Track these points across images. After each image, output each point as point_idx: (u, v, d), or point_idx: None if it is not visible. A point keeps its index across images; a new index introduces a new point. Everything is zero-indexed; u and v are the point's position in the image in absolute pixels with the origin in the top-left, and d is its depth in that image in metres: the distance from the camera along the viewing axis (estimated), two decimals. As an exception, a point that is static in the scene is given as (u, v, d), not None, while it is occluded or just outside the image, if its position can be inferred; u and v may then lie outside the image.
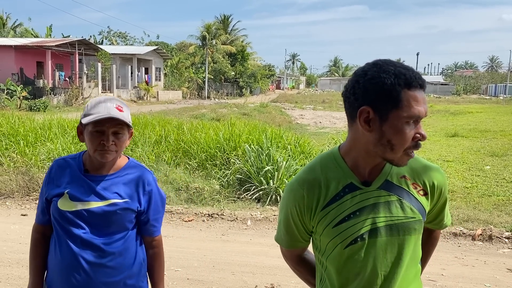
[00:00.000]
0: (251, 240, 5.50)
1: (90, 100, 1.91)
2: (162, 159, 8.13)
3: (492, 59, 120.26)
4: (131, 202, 1.90)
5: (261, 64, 63.55)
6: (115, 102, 1.87)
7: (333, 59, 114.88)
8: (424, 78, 1.38)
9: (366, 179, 1.46)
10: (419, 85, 1.35)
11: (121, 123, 1.84)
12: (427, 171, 1.51)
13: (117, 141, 1.85)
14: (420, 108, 1.34)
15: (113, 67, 36.06)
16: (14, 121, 10.35)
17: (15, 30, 47.97)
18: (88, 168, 1.92)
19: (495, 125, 19.05)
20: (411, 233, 1.45)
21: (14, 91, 26.80)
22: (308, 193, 1.47)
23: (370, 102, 1.35)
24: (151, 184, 1.96)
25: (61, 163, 1.95)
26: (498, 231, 5.56)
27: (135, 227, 1.97)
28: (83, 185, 1.88)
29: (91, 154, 1.87)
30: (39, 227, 2.00)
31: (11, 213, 6.43)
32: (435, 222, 1.64)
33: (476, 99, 48.92)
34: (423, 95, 1.37)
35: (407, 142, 1.35)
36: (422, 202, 1.48)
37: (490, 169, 9.58)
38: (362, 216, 1.43)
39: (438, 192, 1.53)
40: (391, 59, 1.40)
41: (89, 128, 1.83)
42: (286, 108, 31.52)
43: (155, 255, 2.04)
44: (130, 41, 61.79)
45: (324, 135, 14.45)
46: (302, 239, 1.58)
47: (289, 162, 7.27)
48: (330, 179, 1.47)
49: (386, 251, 1.44)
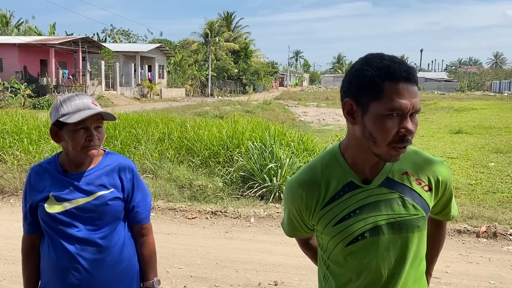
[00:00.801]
0: (255, 237, 5.50)
1: (60, 99, 1.86)
2: (165, 157, 8.13)
3: (497, 55, 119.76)
4: (116, 192, 1.89)
5: (264, 61, 63.50)
6: (88, 98, 1.87)
7: (336, 56, 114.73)
8: (414, 71, 1.33)
9: (367, 177, 1.44)
10: (404, 78, 1.31)
11: (100, 118, 1.85)
12: (430, 166, 1.48)
13: (99, 135, 1.86)
14: (403, 101, 1.30)
15: (116, 64, 36.10)
16: (18, 119, 10.38)
17: (19, 28, 48.12)
18: (67, 168, 1.90)
19: (500, 121, 18.96)
20: (414, 231, 1.43)
21: (18, 89, 26.90)
22: (307, 194, 1.47)
23: (353, 94, 1.36)
24: (131, 171, 1.96)
25: (38, 170, 1.93)
26: (503, 228, 5.53)
27: (125, 218, 1.98)
28: (66, 185, 1.86)
29: (75, 152, 1.84)
30: (27, 238, 1.98)
31: (15, 211, 6.44)
32: (442, 213, 1.62)
33: (480, 96, 48.68)
34: (410, 88, 1.31)
35: (388, 135, 1.32)
36: (426, 198, 1.45)
37: (495, 166, 9.53)
38: (362, 215, 1.42)
39: (443, 187, 1.51)
40: (383, 53, 1.37)
41: (70, 127, 1.81)
42: (290, 105, 31.49)
43: (144, 243, 2.02)
44: (133, 39, 61.91)
45: (327, 132, 14.41)
46: (304, 231, 1.62)
47: (292, 159, 7.26)
48: (330, 178, 1.46)
49: (389, 249, 1.42)
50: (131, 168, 1.97)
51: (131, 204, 1.96)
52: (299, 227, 1.60)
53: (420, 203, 1.44)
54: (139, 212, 1.99)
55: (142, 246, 2.02)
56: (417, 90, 1.34)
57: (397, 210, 1.41)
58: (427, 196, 1.46)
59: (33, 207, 1.90)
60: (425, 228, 1.47)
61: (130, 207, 1.97)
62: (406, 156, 1.47)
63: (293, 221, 1.59)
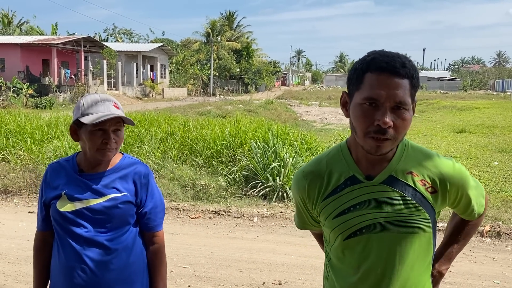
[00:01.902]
0: (258, 237, 5.49)
1: (83, 99, 1.87)
2: (168, 156, 8.13)
3: (499, 54, 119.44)
4: (129, 196, 1.88)
5: (266, 61, 63.48)
6: (112, 100, 1.87)
7: (338, 55, 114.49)
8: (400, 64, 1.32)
9: (370, 174, 1.44)
10: (383, 69, 1.31)
11: (119, 121, 1.86)
12: (438, 168, 1.44)
13: (117, 138, 1.86)
14: (378, 91, 1.31)
15: (118, 64, 36.12)
16: (20, 119, 10.40)
17: (21, 28, 48.16)
18: (83, 168, 1.90)
19: (503, 120, 18.91)
20: (414, 231, 1.41)
21: (20, 89, 26.92)
22: (310, 184, 1.51)
23: (347, 87, 1.44)
24: (147, 177, 1.95)
25: (55, 167, 1.94)
26: (507, 227, 5.52)
27: (137, 223, 1.96)
28: (80, 185, 1.86)
29: (91, 153, 1.84)
30: (41, 234, 1.99)
31: (19, 211, 6.45)
32: (467, 213, 1.57)
33: (483, 95, 48.55)
34: (390, 80, 1.31)
35: (362, 125, 1.34)
36: (430, 200, 1.42)
37: (498, 165, 9.51)
38: (362, 210, 1.43)
39: (454, 190, 1.46)
40: (384, 50, 1.39)
41: (88, 127, 1.81)
42: (292, 104, 31.46)
43: (155, 251, 2.00)
44: (135, 38, 61.86)
45: (330, 132, 14.41)
46: (311, 224, 1.65)
47: (295, 158, 7.25)
48: (333, 171, 1.49)
49: (388, 247, 1.41)
50: (146, 174, 1.95)
51: (143, 210, 1.95)
52: (306, 219, 1.64)
53: (423, 204, 1.41)
54: (150, 219, 1.98)
55: (153, 255, 2.00)
56: (403, 83, 1.32)
57: (397, 209, 1.40)
58: (432, 198, 1.43)
59: (46, 204, 1.91)
60: (430, 231, 1.44)
61: (143, 213, 1.95)
62: (414, 156, 1.46)
63: (300, 211, 1.64)
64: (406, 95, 1.32)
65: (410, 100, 1.34)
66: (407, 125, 1.35)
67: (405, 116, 1.33)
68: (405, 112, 1.33)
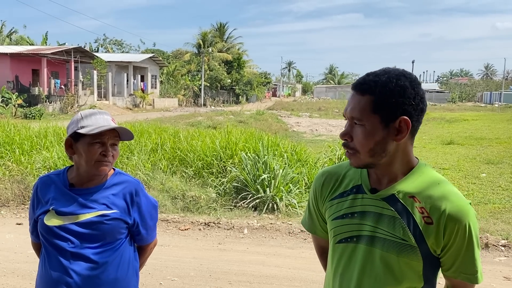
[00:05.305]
0: (248, 249, 5.48)
1: (80, 112, 1.89)
2: (158, 167, 8.11)
3: (487, 66, 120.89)
4: (120, 213, 1.87)
5: (257, 72, 63.66)
6: (109, 115, 1.89)
7: (329, 67, 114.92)
8: (362, 81, 1.41)
9: (376, 187, 1.47)
10: (352, 86, 1.43)
11: (117, 135, 1.87)
12: (443, 201, 1.37)
13: (114, 152, 1.87)
14: (346, 107, 1.44)
15: (108, 74, 36.05)
16: (9, 129, 10.30)
17: (11, 37, 47.92)
18: (74, 182, 1.89)
19: (491, 132, 19.13)
20: (397, 254, 1.39)
21: (9, 99, 26.75)
22: (324, 182, 1.60)
23: None
24: (138, 194, 1.94)
25: (45, 180, 1.94)
26: (494, 239, 5.56)
27: (127, 236, 1.96)
28: (69, 200, 1.85)
29: (88, 166, 1.84)
30: (37, 245, 2.01)
31: (6, 222, 6.38)
32: (452, 270, 1.44)
33: (471, 107, 49.13)
34: (352, 96, 1.42)
35: None
36: (423, 230, 1.37)
37: (486, 177, 9.61)
38: (356, 219, 1.47)
39: (450, 227, 1.36)
40: (389, 67, 1.45)
41: (87, 139, 1.81)
42: (282, 115, 31.54)
43: (142, 251, 2.09)
44: (126, 49, 61.91)
45: (320, 143, 14.45)
46: (320, 228, 1.68)
47: (285, 170, 7.26)
48: (347, 176, 1.56)
49: (371, 262, 1.43)
50: (137, 190, 1.94)
51: (137, 229, 1.96)
52: (317, 220, 1.67)
53: (414, 232, 1.38)
54: (143, 238, 2.01)
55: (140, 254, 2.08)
56: (360, 99, 1.39)
57: (386, 227, 1.41)
58: (425, 228, 1.37)
59: (35, 220, 1.92)
60: (418, 261, 1.39)
61: (134, 229, 1.96)
62: (423, 182, 1.42)
63: (311, 212, 1.68)
64: (358, 110, 1.38)
65: (367, 115, 1.37)
66: (361, 140, 1.38)
67: (357, 130, 1.39)
68: (359, 127, 1.39)
